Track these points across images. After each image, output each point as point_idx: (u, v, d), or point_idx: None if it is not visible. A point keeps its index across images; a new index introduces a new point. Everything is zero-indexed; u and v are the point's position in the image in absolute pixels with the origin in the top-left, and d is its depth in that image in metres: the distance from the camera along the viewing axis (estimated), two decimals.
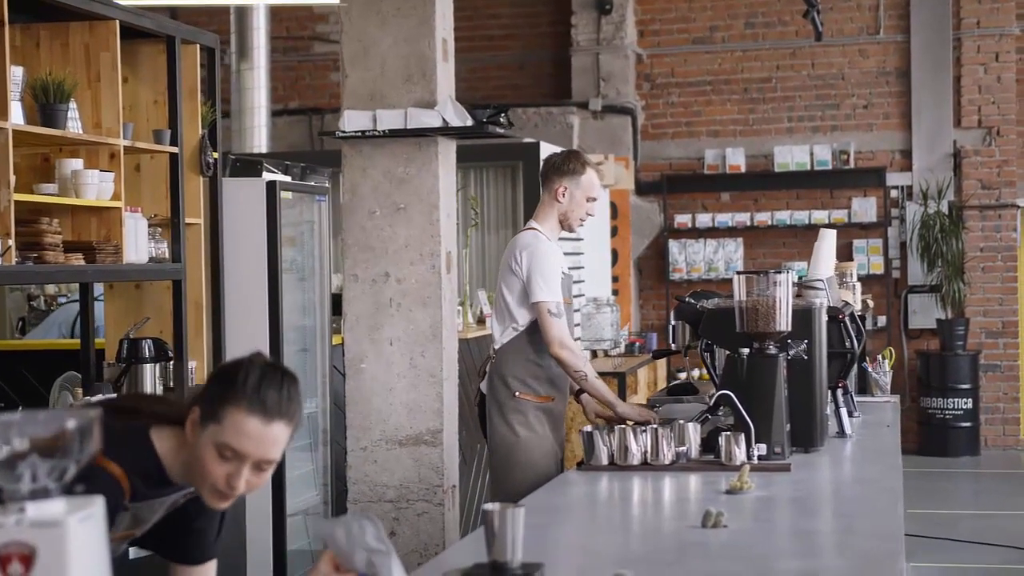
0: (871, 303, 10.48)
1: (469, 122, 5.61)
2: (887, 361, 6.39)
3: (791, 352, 4.48)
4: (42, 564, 1.75)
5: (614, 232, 12.25)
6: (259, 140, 10.99)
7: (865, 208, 12.55)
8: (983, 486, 11.38)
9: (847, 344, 5.03)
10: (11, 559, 1.75)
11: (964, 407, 12.16)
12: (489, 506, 2.72)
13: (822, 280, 5.26)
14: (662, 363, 10.95)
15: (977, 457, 12.20)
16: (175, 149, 5.67)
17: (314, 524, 6.66)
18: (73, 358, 5.95)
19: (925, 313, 12.50)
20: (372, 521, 2.46)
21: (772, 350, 4.40)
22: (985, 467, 11.91)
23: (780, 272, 4.44)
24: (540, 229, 5.26)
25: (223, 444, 2.61)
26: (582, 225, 5.39)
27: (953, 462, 11.98)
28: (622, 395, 9.12)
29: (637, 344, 10.99)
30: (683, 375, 10.83)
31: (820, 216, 12.52)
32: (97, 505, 1.81)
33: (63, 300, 8.47)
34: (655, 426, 4.35)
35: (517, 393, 5.20)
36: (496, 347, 5.33)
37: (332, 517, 5.38)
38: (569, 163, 5.30)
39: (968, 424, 12.21)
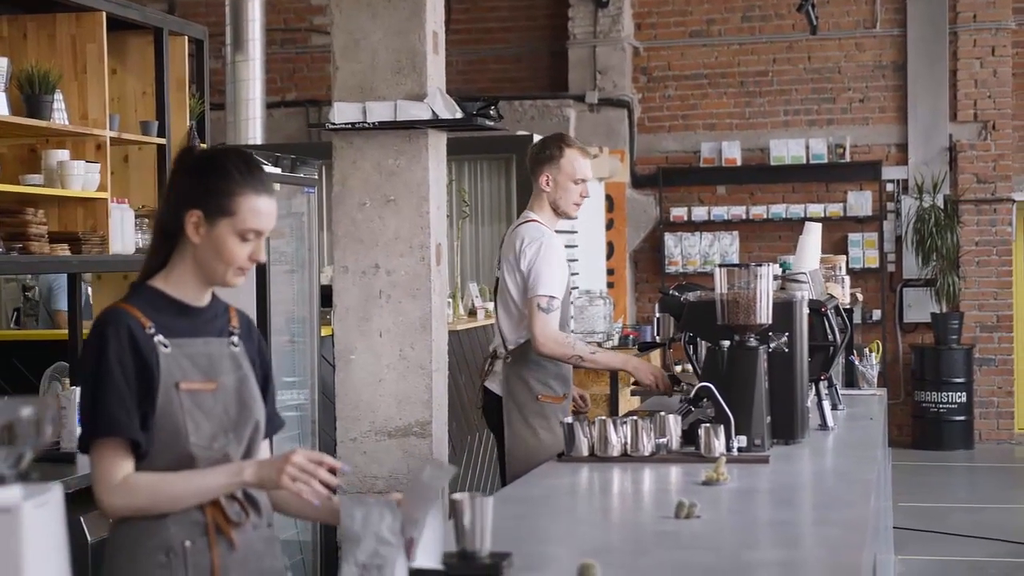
0: (860, 296, 10.46)
1: (459, 114, 5.59)
2: (874, 354, 6.41)
3: (772, 345, 4.49)
4: None
5: (610, 225, 12.27)
6: (254, 132, 10.97)
7: (860, 202, 12.54)
8: (977, 479, 11.40)
9: (830, 337, 5.04)
10: None
11: (958, 401, 12.18)
12: (458, 496, 2.74)
13: (805, 273, 5.27)
14: (657, 355, 10.95)
15: (971, 451, 12.22)
16: (163, 140, 5.68)
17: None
18: (64, 348, 5.97)
19: (920, 307, 12.51)
20: (393, 512, 2.48)
21: (752, 343, 4.41)
22: (979, 461, 11.93)
23: (761, 265, 4.45)
24: (540, 220, 5.18)
25: (245, 230, 2.85)
26: (578, 208, 5.28)
27: (947, 456, 12.00)
28: (614, 388, 9.11)
29: (632, 337, 11.00)
30: (679, 368, 10.82)
31: (816, 210, 12.51)
32: (53, 491, 1.83)
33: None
34: (635, 419, 4.35)
35: (540, 396, 5.15)
36: (510, 347, 5.24)
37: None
38: (546, 150, 5.21)
39: (962, 418, 12.22)
